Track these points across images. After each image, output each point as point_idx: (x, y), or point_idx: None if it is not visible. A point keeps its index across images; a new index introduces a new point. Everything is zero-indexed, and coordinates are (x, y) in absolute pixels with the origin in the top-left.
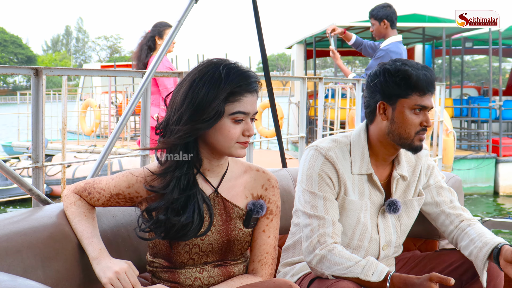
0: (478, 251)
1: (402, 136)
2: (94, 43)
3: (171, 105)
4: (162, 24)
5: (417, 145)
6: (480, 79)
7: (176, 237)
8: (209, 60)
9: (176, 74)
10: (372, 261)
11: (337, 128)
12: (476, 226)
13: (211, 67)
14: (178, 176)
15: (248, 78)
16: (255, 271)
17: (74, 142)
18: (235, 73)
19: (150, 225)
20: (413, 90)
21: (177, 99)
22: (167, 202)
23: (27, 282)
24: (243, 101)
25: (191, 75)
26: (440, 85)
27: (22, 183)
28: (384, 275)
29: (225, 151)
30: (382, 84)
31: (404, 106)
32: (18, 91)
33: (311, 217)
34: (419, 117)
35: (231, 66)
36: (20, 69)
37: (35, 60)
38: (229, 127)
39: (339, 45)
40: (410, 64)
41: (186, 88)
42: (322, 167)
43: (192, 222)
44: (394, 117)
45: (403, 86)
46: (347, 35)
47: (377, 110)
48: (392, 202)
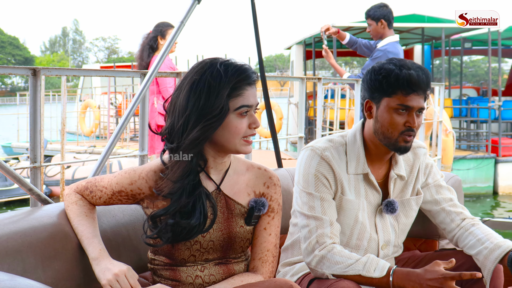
0: (490, 253)
1: (386, 135)
2: (92, 44)
3: (172, 111)
4: (165, 24)
5: (401, 146)
6: (478, 79)
7: (183, 239)
8: (203, 60)
9: (175, 74)
10: (373, 257)
11: (336, 129)
12: (481, 225)
13: (208, 66)
14: (187, 182)
15: (246, 71)
16: (256, 269)
17: (74, 143)
18: (233, 68)
19: (158, 232)
20: (395, 88)
21: (179, 104)
22: (176, 207)
23: (27, 281)
24: (245, 95)
25: (188, 78)
26: (439, 86)
27: (22, 183)
28: (386, 270)
29: (232, 148)
30: (368, 82)
31: (387, 105)
32: (18, 92)
33: (308, 218)
34: (403, 117)
35: (228, 63)
36: (18, 69)
37: (33, 61)
38: (236, 122)
39: (338, 45)
40: (399, 64)
41: (187, 90)
42: (318, 167)
43: (199, 223)
44: (378, 116)
45: (384, 84)
46: (341, 34)
47: (364, 108)
48: (389, 203)
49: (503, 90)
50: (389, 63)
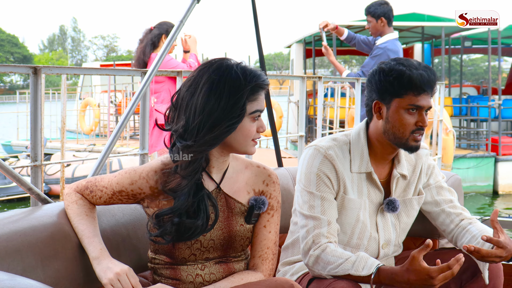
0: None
1: (397, 135)
2: (90, 43)
3: (185, 107)
4: (170, 25)
5: (412, 145)
6: (476, 78)
7: (187, 238)
8: (215, 60)
9: (176, 73)
10: (362, 256)
11: (336, 127)
12: (477, 223)
13: (224, 67)
14: (194, 180)
15: (261, 76)
16: (256, 266)
17: (73, 141)
18: (250, 73)
19: (162, 230)
20: (407, 89)
21: (195, 102)
22: (182, 206)
23: (27, 281)
24: (259, 99)
25: (204, 77)
26: (439, 84)
27: (22, 182)
28: (374, 268)
29: (242, 149)
30: (377, 83)
31: (399, 105)
32: (18, 90)
33: (307, 218)
34: (414, 117)
35: (243, 66)
36: (19, 67)
37: (31, 59)
38: (249, 126)
39: (338, 44)
40: (407, 64)
41: (206, 89)
42: (320, 166)
43: (203, 223)
44: (388, 117)
45: (396, 85)
46: (339, 30)
47: (373, 109)
48: (390, 201)
49: (503, 88)
50: (397, 64)
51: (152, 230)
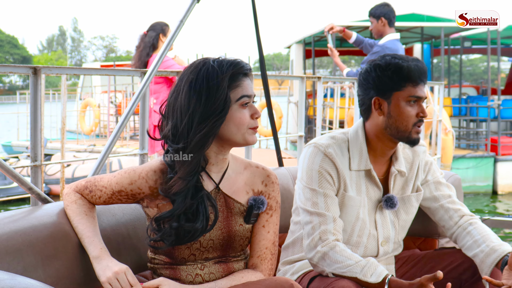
0: (485, 257)
1: (400, 129)
2: (90, 43)
3: (171, 112)
4: (163, 23)
5: (415, 137)
6: (475, 78)
7: (187, 241)
8: (194, 62)
9: (175, 74)
10: (372, 262)
11: (336, 127)
12: (478, 225)
13: (201, 65)
14: (193, 181)
15: (239, 63)
16: (255, 266)
17: (74, 141)
18: (227, 62)
19: (161, 235)
20: (406, 81)
21: (179, 104)
22: (181, 208)
23: (27, 280)
24: (243, 85)
25: (184, 79)
26: (438, 85)
27: (22, 182)
28: (382, 277)
29: (240, 140)
30: (375, 80)
31: (399, 98)
32: (18, 91)
33: (312, 214)
34: (415, 108)
35: (220, 59)
36: (18, 68)
37: (31, 60)
38: (239, 113)
39: (338, 44)
40: (400, 57)
41: (186, 90)
42: (321, 164)
43: (202, 226)
44: (390, 111)
45: (395, 78)
46: (346, 33)
47: (373, 106)
48: (389, 198)
49: (503, 89)
50: (392, 58)
51: (152, 235)
